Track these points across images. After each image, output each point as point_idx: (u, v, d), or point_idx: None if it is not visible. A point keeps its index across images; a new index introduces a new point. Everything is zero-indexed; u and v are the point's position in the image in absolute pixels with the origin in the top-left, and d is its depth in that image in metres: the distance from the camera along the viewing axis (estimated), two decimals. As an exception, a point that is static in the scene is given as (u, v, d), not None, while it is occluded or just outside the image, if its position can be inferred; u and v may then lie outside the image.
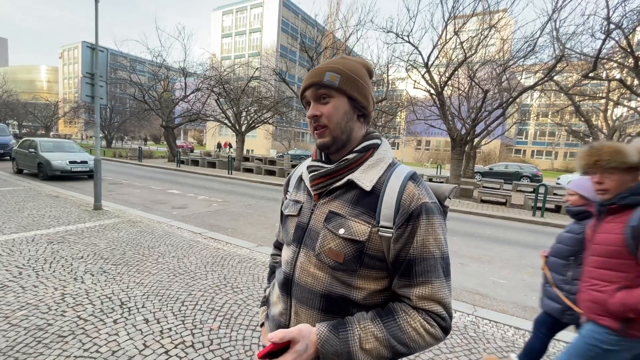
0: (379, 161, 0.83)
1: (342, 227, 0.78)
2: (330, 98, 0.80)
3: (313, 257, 0.82)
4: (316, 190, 0.85)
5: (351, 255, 0.77)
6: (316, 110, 0.80)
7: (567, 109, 18.17)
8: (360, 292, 0.79)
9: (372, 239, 0.76)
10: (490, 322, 3.13)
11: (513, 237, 6.98)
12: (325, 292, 0.80)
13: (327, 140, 0.81)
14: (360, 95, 0.81)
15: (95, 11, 6.47)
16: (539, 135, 52.15)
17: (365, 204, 0.79)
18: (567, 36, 10.11)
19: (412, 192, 0.77)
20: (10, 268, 3.49)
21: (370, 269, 0.78)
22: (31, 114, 39.01)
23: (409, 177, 0.79)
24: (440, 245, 0.77)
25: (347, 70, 0.80)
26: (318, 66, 0.83)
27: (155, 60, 19.50)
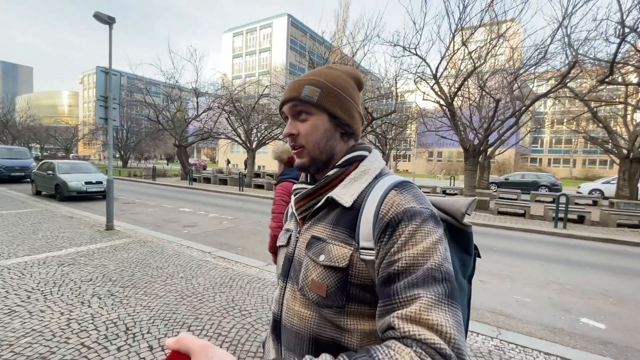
0: (363, 173, 0.72)
1: (322, 253, 0.66)
2: (309, 115, 0.72)
3: (297, 292, 0.70)
4: (300, 214, 0.76)
5: (334, 287, 0.63)
6: (292, 129, 0.73)
7: (584, 116, 17.66)
8: (352, 336, 0.63)
9: (355, 264, 0.62)
10: (517, 346, 2.89)
11: (535, 251, 6.63)
12: (313, 335, 0.66)
13: (304, 161, 0.74)
14: (342, 111, 0.72)
15: (109, 37, 6.70)
16: (555, 143, 50.84)
17: (345, 222, 0.67)
18: (579, 42, 9.90)
19: (392, 200, 0.62)
20: (20, 292, 3.47)
21: (361, 304, 0.63)
22: (52, 137, 40.63)
23: (394, 185, 0.65)
24: (433, 255, 0.56)
25: (328, 83, 0.71)
26: (298, 78, 0.75)
27: (169, 82, 20.13)
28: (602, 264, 5.90)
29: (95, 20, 6.61)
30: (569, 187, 23.77)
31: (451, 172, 35.86)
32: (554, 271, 5.32)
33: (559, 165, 49.80)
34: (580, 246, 7.24)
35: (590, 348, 3.03)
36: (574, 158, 48.08)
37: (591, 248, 7.10)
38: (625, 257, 6.46)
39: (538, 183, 19.22)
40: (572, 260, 6.01)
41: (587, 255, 6.47)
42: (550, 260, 6.00)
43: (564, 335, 3.28)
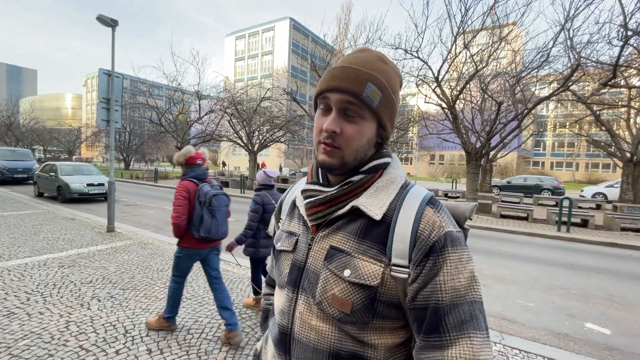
0: (390, 182, 0.67)
1: (347, 268, 0.62)
2: (360, 118, 0.63)
3: (314, 306, 0.65)
4: (314, 220, 0.69)
5: (361, 304, 0.60)
6: (337, 126, 0.62)
7: (586, 119, 17.58)
8: (376, 350, 0.62)
9: (385, 282, 0.60)
10: (521, 352, 2.85)
11: (538, 255, 6.57)
12: (334, 350, 0.63)
13: (334, 162, 0.65)
14: (391, 123, 0.68)
15: (112, 39, 6.74)
16: (558, 146, 50.65)
17: (375, 237, 0.62)
18: (582, 45, 9.87)
19: (432, 220, 0.60)
20: (19, 294, 3.46)
21: (385, 320, 0.61)
22: (56, 139, 40.85)
23: (427, 201, 0.63)
24: (474, 286, 0.59)
25: (389, 89, 0.64)
26: (356, 65, 0.63)
27: (171, 85, 20.23)
28: (606, 268, 5.83)
29: (99, 23, 6.64)
30: (571, 190, 23.64)
31: (453, 175, 35.78)
32: (558, 275, 5.26)
33: (561, 169, 49.58)
34: (584, 250, 7.17)
35: (595, 354, 2.98)
36: (576, 161, 47.87)
37: (595, 252, 7.03)
38: (629, 262, 6.39)
39: (541, 186, 19.12)
40: (576, 265, 5.94)
41: (591, 259, 6.40)
42: (554, 264, 5.94)
43: (569, 340, 3.23)
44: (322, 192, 0.68)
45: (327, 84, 0.63)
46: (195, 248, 2.79)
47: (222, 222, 2.81)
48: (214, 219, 2.71)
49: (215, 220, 2.72)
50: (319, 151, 0.66)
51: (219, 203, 2.77)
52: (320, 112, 0.67)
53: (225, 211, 2.88)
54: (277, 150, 38.44)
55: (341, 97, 0.62)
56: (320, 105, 0.67)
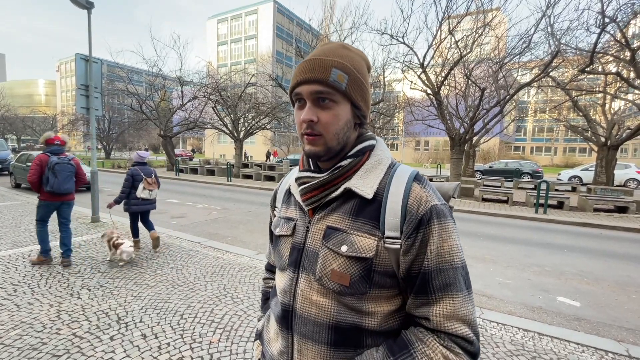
0: (377, 163, 0.73)
1: (344, 244, 0.67)
2: (333, 102, 0.68)
3: (314, 283, 0.71)
4: (309, 204, 0.74)
5: (358, 276, 0.66)
6: (313, 115, 0.67)
7: (565, 105, 18.14)
8: (373, 318, 0.68)
9: (379, 253, 0.66)
10: (498, 324, 3.05)
11: (517, 236, 6.89)
12: (333, 322, 0.69)
13: (319, 149, 0.70)
14: (364, 101, 0.71)
15: (88, 23, 6.45)
16: (538, 131, 52.14)
17: (368, 214, 0.68)
18: (561, 32, 10.10)
19: (419, 195, 0.67)
20: (5, 285, 3.42)
21: (382, 288, 0.68)
22: (30, 127, 39.09)
23: (413, 177, 0.70)
24: (458, 253, 0.66)
25: (354, 70, 0.68)
26: (319, 55, 0.68)
27: (152, 70, 19.54)
28: (579, 246, 6.19)
29: (73, 4, 6.33)
30: (550, 174, 24.55)
31: (438, 161, 36.43)
32: (534, 254, 5.56)
33: (541, 153, 51.22)
34: (560, 230, 7.56)
35: (566, 324, 3.23)
36: (555, 146, 49.54)
37: (569, 232, 7.43)
38: (600, 240, 6.79)
39: (521, 171, 19.77)
40: (551, 244, 6.28)
41: (566, 238, 6.77)
42: (530, 244, 6.26)
43: (542, 313, 3.47)
44: (315, 178, 0.73)
45: (297, 78, 0.68)
46: (48, 200, 4.04)
47: (63, 182, 4.00)
48: (57, 179, 3.94)
49: (58, 180, 3.95)
50: (305, 142, 0.71)
51: (61, 169, 3.98)
52: (297, 107, 0.71)
53: (67, 175, 4.05)
54: (264, 138, 38.04)
55: (311, 87, 0.66)
56: (296, 101, 0.71)
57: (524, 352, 2.62)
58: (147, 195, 4.77)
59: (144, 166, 4.84)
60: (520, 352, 2.63)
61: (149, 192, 4.79)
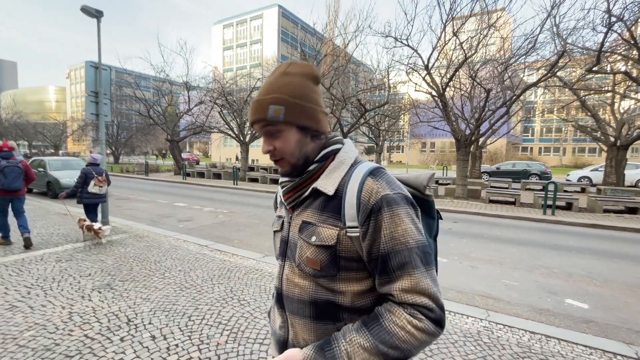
0: (340, 164, 0.83)
1: (313, 235, 0.79)
2: (280, 132, 0.79)
3: (295, 268, 0.84)
4: (289, 203, 0.87)
5: (327, 261, 0.77)
6: (268, 146, 0.81)
7: (573, 104, 17.93)
8: (344, 296, 0.79)
9: (342, 241, 0.76)
10: (505, 327, 3.04)
11: (524, 237, 6.83)
12: (312, 299, 0.81)
13: (286, 169, 0.83)
14: (308, 120, 0.79)
15: (97, 31, 6.60)
16: (546, 132, 51.52)
17: (330, 208, 0.79)
18: (567, 31, 10.02)
19: (370, 187, 0.75)
20: (19, 288, 3.51)
21: (349, 271, 0.78)
22: (40, 133, 39.88)
23: (368, 172, 0.78)
24: (411, 235, 0.73)
25: (290, 98, 0.76)
26: (259, 96, 0.79)
27: (159, 76, 19.85)
28: (588, 248, 6.12)
29: (83, 13, 6.49)
30: (559, 175, 24.23)
31: (444, 163, 36.20)
32: (542, 256, 5.51)
33: (549, 154, 50.58)
34: (568, 232, 7.47)
35: (574, 326, 3.20)
36: (563, 146, 48.88)
37: (578, 233, 7.34)
38: (610, 241, 6.70)
39: (529, 172, 19.55)
40: (559, 246, 6.21)
41: (574, 240, 6.69)
42: (538, 245, 6.20)
43: (549, 315, 3.44)
44: (290, 182, 0.86)
45: (249, 119, 0.81)
46: (4, 195, 4.95)
47: (12, 181, 4.88)
48: (6, 179, 4.82)
49: (7, 180, 4.83)
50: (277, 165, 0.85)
51: (9, 170, 4.85)
52: None
53: (15, 175, 4.91)
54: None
55: (258, 126, 0.80)
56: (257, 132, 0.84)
57: (530, 355, 2.60)
58: (98, 190, 5.62)
59: (96, 166, 5.72)
60: (527, 354, 2.61)
61: (99, 187, 5.63)
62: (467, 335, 2.87)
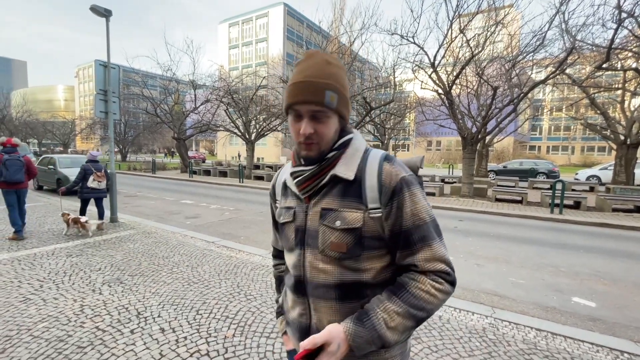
0: (355, 151, 0.88)
1: (337, 220, 0.82)
2: (327, 117, 0.82)
3: (319, 254, 0.86)
4: (305, 193, 0.89)
5: (352, 243, 0.82)
6: (311, 129, 0.81)
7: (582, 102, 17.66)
8: (369, 273, 0.84)
9: (366, 222, 0.81)
10: (510, 323, 3.04)
11: (531, 236, 6.78)
12: (338, 282, 0.84)
13: (314, 154, 0.85)
14: (348, 112, 0.87)
15: (106, 30, 6.69)
16: (554, 130, 50.79)
17: (352, 193, 0.83)
18: (577, 28, 9.88)
19: (389, 171, 0.82)
20: (32, 282, 3.60)
21: (372, 250, 0.83)
22: (50, 132, 40.47)
23: (383, 158, 0.85)
24: (427, 211, 0.82)
25: (341, 88, 0.82)
26: (311, 77, 0.79)
27: (166, 75, 20.01)
28: (596, 247, 6.05)
29: (92, 13, 6.58)
30: (567, 174, 23.93)
31: (450, 161, 35.96)
32: (549, 255, 5.47)
33: (557, 153, 49.89)
34: (576, 231, 7.39)
35: (580, 324, 3.19)
36: (572, 145, 48.14)
37: (586, 232, 7.26)
38: (619, 240, 6.62)
39: (536, 170, 19.34)
40: (567, 244, 6.16)
41: (582, 239, 6.62)
42: (545, 244, 6.16)
43: (556, 313, 3.43)
44: (306, 171, 0.87)
45: (295, 98, 0.80)
46: (6, 188, 5.24)
47: (13, 173, 5.16)
48: (8, 171, 5.11)
49: (9, 172, 5.12)
50: (301, 148, 0.86)
51: (11, 164, 5.15)
52: (292, 119, 0.84)
53: (16, 168, 5.19)
54: (275, 140, 38.39)
55: (309, 107, 0.80)
56: (292, 114, 0.84)
57: (536, 351, 2.60)
58: (97, 185, 6.06)
59: (95, 163, 6.18)
60: (533, 351, 2.61)
61: (98, 183, 6.06)
62: (472, 332, 2.88)
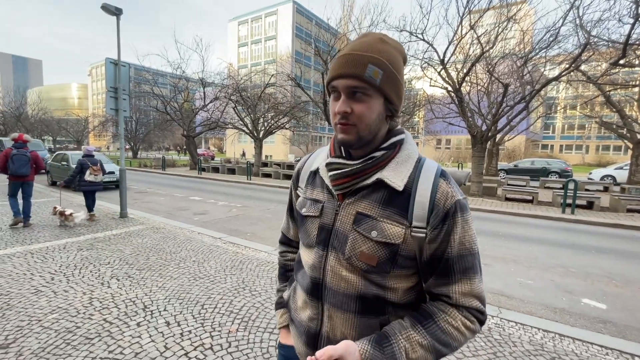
0: (408, 157, 0.78)
1: (374, 230, 0.75)
2: (367, 96, 0.71)
3: (343, 261, 0.78)
4: (340, 190, 0.80)
5: (385, 258, 0.75)
6: (347, 107, 0.71)
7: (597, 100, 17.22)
8: (394, 292, 0.78)
9: (406, 240, 0.74)
10: (517, 324, 2.99)
11: (541, 236, 6.65)
12: (360, 294, 0.78)
13: (351, 138, 0.74)
14: (397, 96, 0.74)
15: (117, 28, 6.79)
16: (568, 128, 49.66)
17: (397, 204, 0.75)
18: (592, 23, 9.62)
19: (445, 191, 0.74)
20: (44, 274, 3.69)
21: (402, 269, 0.76)
22: (64, 129, 41.39)
23: (440, 174, 0.77)
24: (474, 242, 0.76)
25: (390, 66, 0.71)
26: (357, 50, 0.71)
27: (175, 73, 20.23)
28: (608, 248, 5.91)
29: (103, 11, 6.69)
30: (580, 173, 23.39)
31: (459, 160, 35.52)
32: (559, 255, 5.36)
33: (571, 152, 48.79)
34: (588, 231, 7.23)
35: (590, 326, 3.12)
36: (586, 144, 47.01)
37: (599, 233, 7.09)
38: (633, 242, 6.44)
39: (548, 169, 18.96)
40: (578, 245, 6.03)
41: (594, 240, 6.47)
42: (556, 244, 6.04)
43: (565, 314, 3.36)
44: (347, 165, 0.77)
45: (334, 72, 0.72)
46: (13, 180, 5.68)
47: (19, 166, 5.56)
48: (14, 165, 5.54)
49: (14, 165, 5.54)
50: (337, 131, 0.75)
51: (17, 158, 5.57)
52: (333, 98, 0.75)
53: (22, 162, 5.59)
54: (283, 137, 38.47)
55: (347, 82, 0.70)
56: (332, 93, 0.75)
57: (542, 353, 2.56)
58: (93, 178, 6.41)
59: (91, 157, 6.58)
60: (539, 352, 2.57)
61: (94, 176, 6.41)
62: (477, 332, 2.84)
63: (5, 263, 3.99)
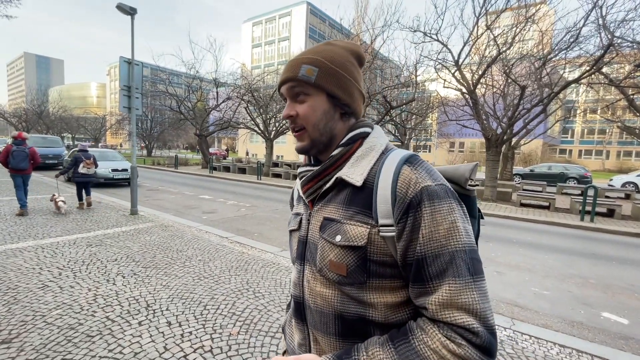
0: (369, 150, 0.71)
1: (338, 234, 0.66)
2: (307, 96, 0.70)
3: (317, 273, 0.71)
4: (308, 196, 0.75)
5: (354, 265, 0.64)
6: (290, 110, 0.72)
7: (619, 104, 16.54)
8: (376, 309, 0.65)
9: (373, 241, 0.63)
10: (531, 337, 2.84)
11: (558, 244, 6.39)
12: (337, 312, 0.68)
13: (305, 144, 0.73)
14: (341, 90, 0.70)
15: (131, 27, 6.89)
16: (587, 133, 48.11)
17: (359, 202, 0.67)
18: (615, 23, 9.23)
19: (408, 177, 0.62)
20: (52, 269, 3.73)
21: (382, 278, 0.64)
22: (82, 127, 42.58)
23: (404, 160, 0.65)
24: (455, 235, 0.59)
25: (326, 62, 0.69)
26: (295, 57, 0.73)
27: (189, 72, 20.52)
28: (630, 258, 5.62)
29: (118, 11, 6.79)
30: (600, 179, 22.58)
31: (473, 163, 34.76)
32: (577, 265, 5.13)
33: (590, 157, 47.26)
34: (608, 240, 6.91)
35: (610, 342, 2.94)
36: (607, 149, 45.41)
37: (620, 242, 6.77)
38: (657, 253, 6.12)
39: (566, 175, 18.35)
40: (598, 255, 5.76)
41: (615, 249, 6.17)
42: (574, 253, 5.78)
43: (583, 328, 3.18)
44: (310, 170, 0.76)
45: (279, 80, 0.74)
46: (14, 173, 6.22)
47: (18, 162, 6.17)
48: (14, 160, 6.14)
49: (15, 161, 6.14)
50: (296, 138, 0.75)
51: (17, 154, 6.16)
52: None
53: (21, 158, 6.18)
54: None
55: (286, 86, 0.72)
56: (284, 100, 0.75)
57: (558, 369, 2.41)
58: (86, 171, 7.08)
59: (85, 152, 7.30)
60: (555, 368, 2.42)
61: (87, 169, 7.09)
62: (488, 344, 2.70)
63: (17, 257, 4.05)
